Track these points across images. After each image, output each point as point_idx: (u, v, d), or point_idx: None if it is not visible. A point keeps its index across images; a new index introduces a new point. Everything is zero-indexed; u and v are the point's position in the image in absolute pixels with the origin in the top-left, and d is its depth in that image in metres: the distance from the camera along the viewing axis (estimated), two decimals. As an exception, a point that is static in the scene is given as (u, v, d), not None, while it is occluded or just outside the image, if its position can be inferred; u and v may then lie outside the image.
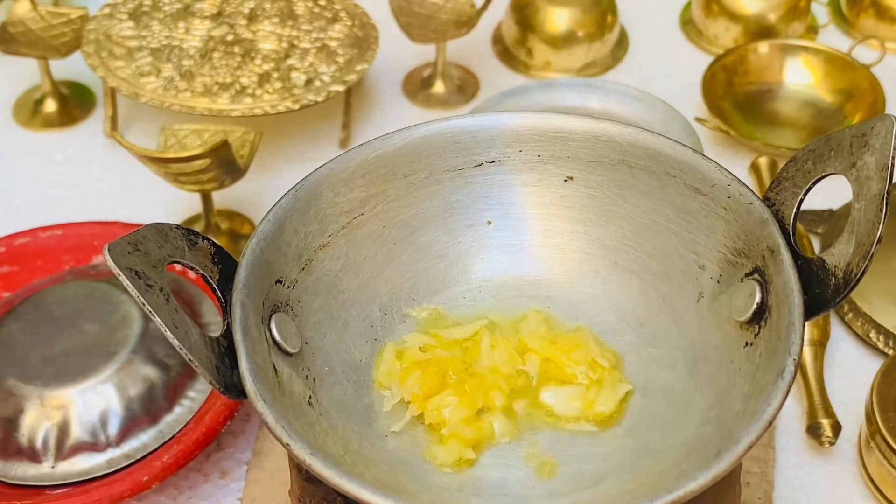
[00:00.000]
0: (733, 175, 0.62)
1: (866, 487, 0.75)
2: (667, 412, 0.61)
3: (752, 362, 0.58)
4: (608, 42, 1.07)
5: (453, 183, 0.67)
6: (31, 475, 0.72)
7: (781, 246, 0.58)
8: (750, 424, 0.53)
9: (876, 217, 0.55)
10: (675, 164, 0.64)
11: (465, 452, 0.60)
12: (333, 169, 0.64)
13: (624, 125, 0.65)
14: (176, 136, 0.87)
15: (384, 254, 0.66)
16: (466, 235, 0.68)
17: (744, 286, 0.61)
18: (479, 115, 0.67)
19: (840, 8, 1.13)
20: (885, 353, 0.81)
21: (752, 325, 0.59)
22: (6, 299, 0.81)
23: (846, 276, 0.57)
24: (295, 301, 0.62)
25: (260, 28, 0.98)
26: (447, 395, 0.61)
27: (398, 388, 0.62)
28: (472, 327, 0.65)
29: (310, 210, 0.63)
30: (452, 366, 0.62)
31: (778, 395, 0.53)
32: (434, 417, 0.61)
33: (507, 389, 0.63)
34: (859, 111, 1.00)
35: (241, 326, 0.56)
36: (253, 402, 0.54)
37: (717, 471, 0.51)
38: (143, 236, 0.56)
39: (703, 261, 0.63)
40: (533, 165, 0.67)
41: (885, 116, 0.56)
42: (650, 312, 0.65)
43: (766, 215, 0.60)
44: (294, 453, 0.52)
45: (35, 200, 0.95)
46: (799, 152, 0.61)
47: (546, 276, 0.68)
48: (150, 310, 0.54)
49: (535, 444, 0.61)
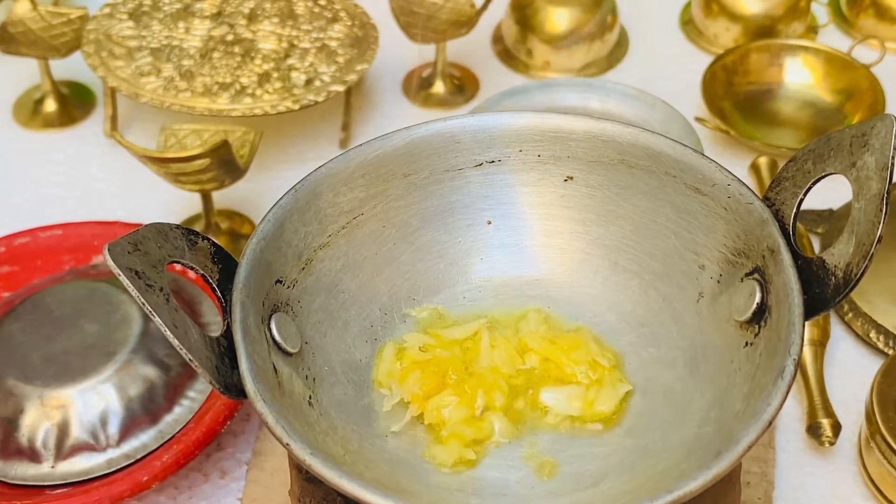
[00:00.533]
0: (733, 175, 0.62)
1: (866, 487, 0.75)
2: (667, 412, 0.61)
3: (752, 362, 0.58)
4: (608, 42, 1.07)
5: (453, 183, 0.67)
6: (31, 475, 0.72)
7: (781, 246, 0.58)
8: (750, 424, 0.53)
9: (876, 217, 0.55)
10: (675, 164, 0.64)
11: (465, 453, 0.60)
12: (333, 169, 0.64)
13: (624, 125, 0.65)
14: (176, 136, 0.87)
15: (384, 254, 0.66)
16: (466, 235, 0.68)
17: (744, 286, 0.61)
18: (478, 115, 0.67)
19: (840, 8, 1.13)
20: (885, 352, 0.81)
21: (752, 325, 0.59)
22: (6, 299, 0.81)
23: (846, 275, 0.57)
24: (295, 301, 0.62)
25: (260, 28, 0.98)
26: (447, 395, 0.61)
27: (398, 388, 0.62)
28: (471, 327, 0.65)
29: (310, 210, 0.63)
30: (452, 366, 0.62)
31: (778, 395, 0.53)
32: (434, 417, 0.61)
33: (507, 389, 0.63)
34: (859, 111, 1.00)
35: (241, 326, 0.56)
36: (253, 402, 0.54)
37: (717, 471, 0.51)
38: (143, 236, 0.56)
39: (704, 261, 0.63)
40: (533, 165, 0.67)
41: (885, 116, 0.56)
42: (650, 312, 0.65)
43: (766, 215, 0.60)
44: (294, 453, 0.52)
45: (35, 200, 0.95)
46: (799, 152, 0.61)
47: (546, 276, 0.68)
48: (150, 310, 0.54)
49: (535, 444, 0.61)
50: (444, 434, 0.61)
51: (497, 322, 0.66)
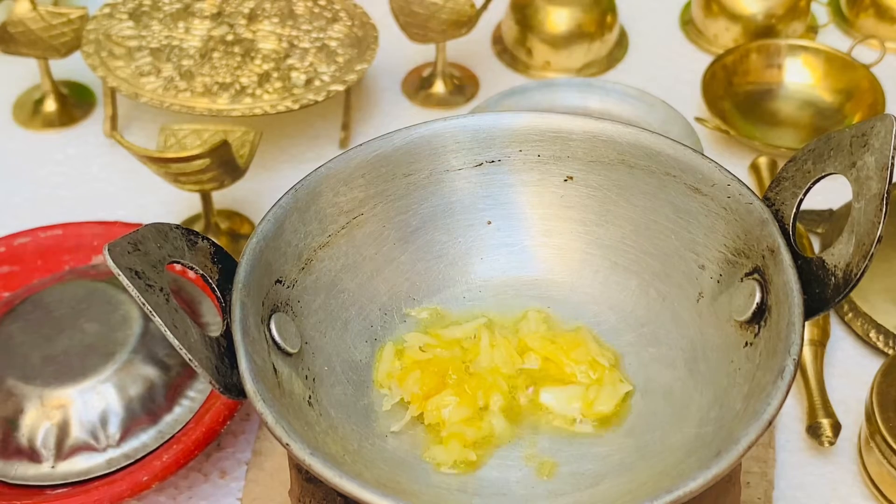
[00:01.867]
0: (733, 175, 0.62)
1: (866, 487, 0.75)
2: (667, 412, 0.61)
3: (751, 362, 0.58)
4: (608, 42, 1.07)
5: (453, 183, 0.67)
6: (31, 475, 0.72)
7: (781, 246, 0.58)
8: (750, 424, 0.53)
9: (876, 217, 0.55)
10: (674, 164, 0.64)
11: (466, 453, 0.60)
12: (333, 169, 0.64)
13: (624, 125, 0.65)
14: (176, 136, 0.87)
15: (384, 254, 0.66)
16: (466, 235, 0.68)
17: (744, 286, 0.61)
18: (478, 115, 0.67)
19: (840, 8, 1.13)
20: (885, 352, 0.81)
21: (751, 325, 0.59)
22: (6, 299, 0.81)
23: (846, 275, 0.57)
24: (295, 301, 0.62)
25: (260, 28, 0.98)
26: (447, 395, 0.61)
27: (398, 387, 0.62)
28: (471, 327, 0.65)
29: (309, 210, 0.63)
30: (452, 366, 0.62)
31: (778, 394, 0.53)
32: (434, 418, 0.61)
33: (507, 389, 0.63)
34: (859, 111, 1.00)
35: (241, 326, 0.56)
36: (253, 402, 0.54)
37: (717, 470, 0.51)
38: (142, 236, 0.56)
39: (703, 260, 0.63)
40: (533, 165, 0.67)
41: (884, 116, 0.56)
42: (650, 312, 0.65)
43: (765, 215, 0.60)
44: (294, 453, 0.52)
45: (35, 200, 0.95)
46: (799, 152, 0.61)
47: (546, 276, 0.68)
48: (150, 310, 0.54)
49: (535, 443, 0.61)
50: (444, 434, 0.61)
51: (497, 322, 0.66)
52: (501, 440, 0.61)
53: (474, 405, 0.61)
